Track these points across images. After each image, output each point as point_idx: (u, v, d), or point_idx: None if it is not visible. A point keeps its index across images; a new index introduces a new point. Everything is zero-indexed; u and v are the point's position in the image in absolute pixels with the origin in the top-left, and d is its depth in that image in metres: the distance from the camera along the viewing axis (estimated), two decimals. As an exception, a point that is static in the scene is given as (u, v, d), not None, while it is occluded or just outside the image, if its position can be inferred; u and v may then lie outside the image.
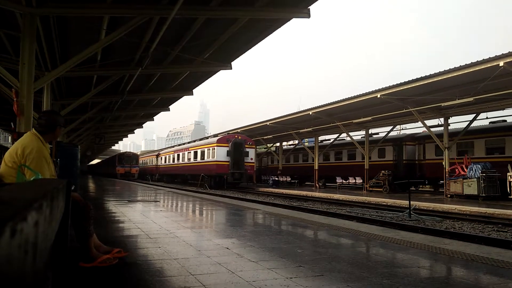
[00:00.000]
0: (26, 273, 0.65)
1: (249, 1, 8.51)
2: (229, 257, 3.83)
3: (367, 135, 24.97)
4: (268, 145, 37.67)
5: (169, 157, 39.60)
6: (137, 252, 4.07)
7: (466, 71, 13.42)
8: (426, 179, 22.86)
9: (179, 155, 35.99)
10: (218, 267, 3.43)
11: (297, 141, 33.35)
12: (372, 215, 12.17)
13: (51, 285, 1.49)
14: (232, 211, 8.62)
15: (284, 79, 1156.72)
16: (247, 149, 27.69)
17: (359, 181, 25.81)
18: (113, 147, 61.93)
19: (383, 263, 3.73)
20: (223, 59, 12.49)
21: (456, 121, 21.53)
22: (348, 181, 26.76)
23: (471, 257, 4.03)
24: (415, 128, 24.91)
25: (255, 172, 30.39)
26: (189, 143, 37.43)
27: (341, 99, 19.69)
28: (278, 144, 36.43)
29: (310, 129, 25.44)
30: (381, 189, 22.08)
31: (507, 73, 13.10)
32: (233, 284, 2.93)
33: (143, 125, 28.64)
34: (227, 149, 26.89)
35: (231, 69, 12.76)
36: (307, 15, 8.85)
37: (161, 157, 43.17)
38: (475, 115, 18.60)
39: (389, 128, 24.81)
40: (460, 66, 13.60)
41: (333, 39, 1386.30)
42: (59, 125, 3.49)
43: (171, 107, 21.10)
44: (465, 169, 17.33)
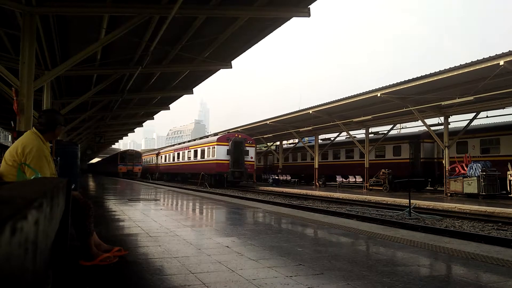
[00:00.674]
0: (26, 271, 0.65)
1: (249, 0, 8.50)
2: (229, 256, 3.84)
3: (367, 133, 24.95)
4: (268, 143, 37.68)
5: (169, 155, 39.61)
6: (137, 250, 4.08)
7: (466, 70, 13.41)
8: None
9: (179, 154, 36.00)
10: (218, 265, 3.44)
11: (297, 140, 33.34)
12: (372, 214, 12.18)
13: (51, 284, 1.49)
14: (232, 210, 8.62)
15: (284, 78, 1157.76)
16: (247, 148, 27.70)
17: (359, 179, 25.78)
18: (113, 146, 61.90)
19: (383, 262, 3.73)
20: (223, 58, 12.48)
21: (456, 119, 21.30)
22: (348, 180, 26.74)
23: (471, 255, 4.03)
24: (415, 127, 24.85)
25: (255, 170, 30.39)
26: (189, 141, 37.42)
27: (341, 98, 19.70)
28: (278, 143, 36.44)
29: (310, 128, 25.44)
30: (381, 188, 22.10)
31: (507, 72, 13.09)
32: (233, 282, 2.94)
33: (143, 124, 28.62)
34: (227, 147, 26.90)
35: (231, 68, 12.75)
36: (307, 14, 8.83)
37: (161, 156, 43.18)
38: (475, 114, 18.61)
39: (389, 127, 24.82)
40: (460, 65, 13.60)
41: (333, 37, 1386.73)
42: (59, 124, 3.49)
43: (171, 106, 21.09)
44: (465, 168, 17.35)
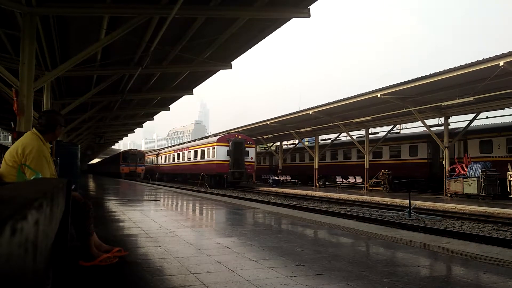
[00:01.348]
0: (26, 271, 0.65)
1: (248, 0, 8.50)
2: (229, 256, 3.84)
3: (367, 134, 24.97)
4: (268, 144, 37.69)
5: (169, 156, 39.60)
6: (137, 251, 4.08)
7: (466, 71, 13.42)
8: None
9: (179, 155, 35.99)
10: (218, 266, 3.44)
11: (297, 141, 33.37)
12: (372, 214, 12.17)
13: (51, 284, 1.49)
14: (232, 210, 8.62)
15: (284, 78, 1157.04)
16: (247, 149, 27.71)
17: (359, 180, 25.78)
18: (113, 147, 61.90)
19: (383, 262, 3.73)
20: (223, 59, 12.48)
21: (455, 120, 21.21)
22: (348, 181, 26.74)
23: (471, 256, 4.03)
24: (417, 127, 24.75)
25: (255, 171, 30.40)
26: (189, 142, 37.42)
27: (341, 98, 19.71)
28: (278, 143, 36.45)
29: (310, 129, 25.45)
30: (381, 188, 22.10)
31: (507, 72, 13.10)
32: (233, 282, 2.94)
33: (143, 125, 28.62)
34: (227, 148, 26.91)
35: (231, 68, 12.75)
36: (307, 15, 8.84)
37: (161, 157, 43.16)
38: (475, 114, 18.62)
39: (389, 127, 24.83)
40: (460, 65, 13.60)
41: (333, 38, 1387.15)
42: (59, 124, 3.49)
43: (171, 106, 21.09)
44: (465, 168, 17.36)
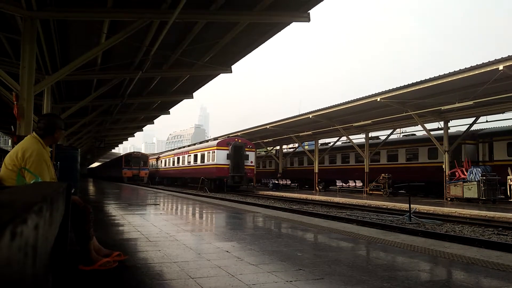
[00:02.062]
0: (26, 275, 0.65)
1: (248, 5, 8.54)
2: (229, 260, 3.82)
3: (367, 138, 24.96)
4: (268, 148, 37.71)
5: (169, 160, 39.57)
6: (137, 255, 4.07)
7: (465, 75, 13.44)
8: None
9: (179, 158, 35.97)
10: (218, 270, 3.43)
11: (297, 144, 33.39)
12: (372, 218, 12.15)
13: (50, 288, 1.49)
14: (232, 214, 8.60)
15: (284, 82, 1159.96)
16: (247, 152, 27.70)
17: (359, 184, 25.74)
18: (113, 150, 61.89)
19: (383, 267, 3.72)
20: (223, 63, 12.52)
21: (455, 124, 21.22)
22: (348, 185, 26.69)
23: (471, 260, 4.02)
24: (417, 131, 24.77)
25: (255, 175, 30.38)
26: (189, 146, 37.42)
27: (341, 102, 19.72)
28: (278, 147, 36.46)
29: (310, 133, 25.46)
30: (381, 192, 22.06)
31: (506, 76, 13.12)
32: (233, 287, 2.93)
33: (143, 128, 28.66)
34: (227, 152, 26.90)
35: (231, 72, 12.79)
36: (307, 19, 8.88)
37: (161, 160, 43.12)
38: (475, 118, 18.63)
39: (389, 131, 24.84)
40: (459, 69, 13.63)
41: (334, 42, 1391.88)
42: (58, 128, 3.47)
43: (171, 110, 21.12)
44: (465, 173, 17.34)
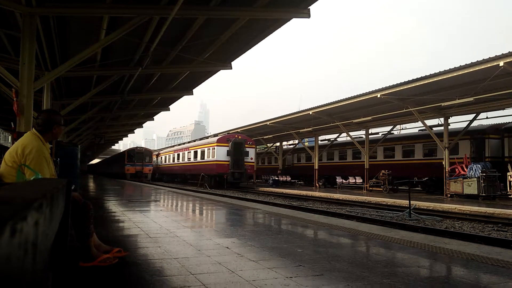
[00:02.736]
0: (26, 272, 0.65)
1: (248, 1, 8.50)
2: (229, 257, 3.83)
3: (367, 134, 24.97)
4: (268, 145, 37.71)
5: (169, 156, 39.58)
6: (137, 251, 4.08)
7: (466, 71, 13.41)
8: None
9: (179, 155, 35.99)
10: (218, 266, 3.44)
11: (297, 141, 33.40)
12: (372, 215, 12.17)
13: (51, 285, 1.49)
14: (232, 211, 8.62)
15: (284, 78, 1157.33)
16: (247, 149, 27.72)
17: (359, 180, 25.80)
18: (113, 147, 61.89)
19: (383, 263, 3.73)
20: (223, 59, 12.48)
21: (456, 120, 21.10)
22: (348, 181, 26.74)
23: (471, 256, 4.03)
24: (416, 127, 24.72)
25: (255, 171, 30.42)
26: (189, 142, 37.40)
27: (341, 99, 19.69)
28: (278, 143, 36.47)
29: (310, 129, 25.45)
30: (381, 189, 22.10)
31: (507, 73, 13.10)
32: (233, 283, 2.94)
33: (143, 125, 28.63)
34: (227, 148, 26.91)
35: (231, 69, 12.75)
36: (307, 15, 8.84)
37: (161, 157, 43.14)
38: (475, 115, 18.62)
39: (389, 127, 24.83)
40: (460, 66, 13.59)
41: (333, 38, 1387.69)
42: (56, 123, 3.43)
43: (171, 107, 21.10)
44: (465, 169, 17.35)
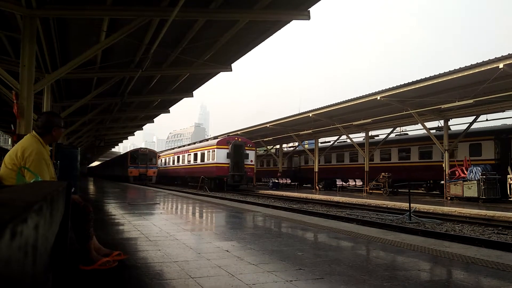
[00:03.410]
0: (26, 275, 0.65)
1: (248, 3, 8.53)
2: (229, 260, 3.82)
3: (367, 137, 24.97)
4: (268, 147, 37.72)
5: (169, 159, 39.57)
6: (137, 254, 4.06)
7: (466, 73, 13.42)
8: None
9: (179, 157, 35.97)
10: (218, 270, 3.42)
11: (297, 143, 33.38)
12: (372, 218, 12.15)
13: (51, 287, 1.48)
14: (232, 214, 8.60)
15: (284, 80, 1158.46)
16: (247, 151, 27.70)
17: (359, 183, 25.79)
18: (113, 149, 61.89)
19: (383, 266, 3.72)
20: (223, 61, 12.51)
21: (456, 123, 21.24)
22: (348, 183, 26.75)
23: (471, 259, 4.02)
24: (416, 129, 24.77)
25: (255, 174, 30.38)
26: (189, 145, 37.41)
27: (341, 101, 19.70)
28: (278, 146, 36.48)
29: (310, 131, 25.47)
30: (381, 191, 22.08)
31: (507, 75, 13.11)
32: (233, 287, 2.92)
33: (143, 127, 28.67)
34: (227, 151, 26.89)
35: (231, 71, 12.78)
36: (307, 17, 8.86)
37: (161, 159, 43.11)
38: (475, 117, 18.63)
39: (389, 130, 24.82)
40: (460, 68, 13.61)
41: (333, 40, 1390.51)
42: (55, 125, 3.41)
43: (171, 109, 21.13)
44: (465, 172, 17.34)
